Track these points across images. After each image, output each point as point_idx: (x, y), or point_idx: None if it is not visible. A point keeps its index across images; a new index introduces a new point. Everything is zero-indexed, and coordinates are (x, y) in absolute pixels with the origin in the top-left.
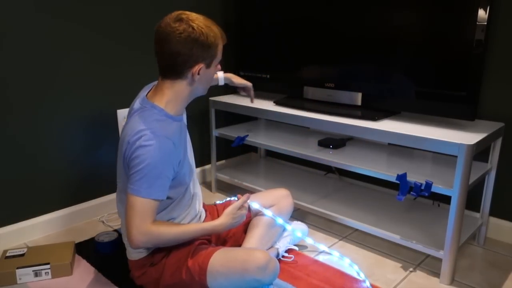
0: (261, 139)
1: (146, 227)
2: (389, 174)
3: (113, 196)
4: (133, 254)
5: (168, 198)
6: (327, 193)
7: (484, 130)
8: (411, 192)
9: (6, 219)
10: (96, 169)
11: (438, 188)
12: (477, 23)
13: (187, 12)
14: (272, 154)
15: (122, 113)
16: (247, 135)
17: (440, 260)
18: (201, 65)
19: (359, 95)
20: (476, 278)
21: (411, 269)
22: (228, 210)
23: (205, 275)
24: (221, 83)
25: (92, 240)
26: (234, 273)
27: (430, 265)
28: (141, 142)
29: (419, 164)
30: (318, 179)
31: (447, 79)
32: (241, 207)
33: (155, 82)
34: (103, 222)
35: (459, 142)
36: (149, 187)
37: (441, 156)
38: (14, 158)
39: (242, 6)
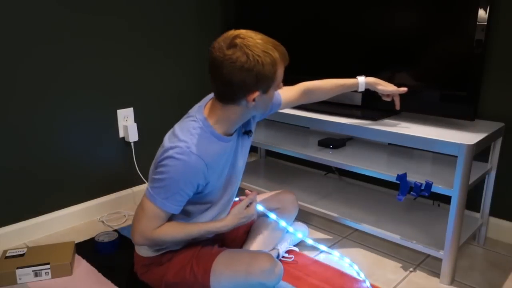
0: (261, 139)
1: (150, 233)
2: (389, 174)
3: (113, 196)
4: (142, 251)
5: (186, 212)
6: (327, 193)
7: (484, 130)
8: (411, 192)
9: (6, 219)
10: (96, 169)
11: (438, 188)
12: (477, 23)
13: (243, 34)
14: (272, 154)
15: (122, 113)
16: None
17: (440, 260)
18: (257, 93)
19: (359, 95)
20: (476, 278)
21: (411, 269)
22: (235, 210)
23: (208, 276)
24: (361, 89)
25: (92, 240)
26: (238, 276)
27: (430, 265)
28: (173, 153)
29: (419, 164)
30: (318, 179)
31: (447, 79)
32: (249, 205)
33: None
34: (103, 222)
35: (459, 142)
36: (165, 198)
37: (441, 156)
38: (13, 158)
39: (242, 5)
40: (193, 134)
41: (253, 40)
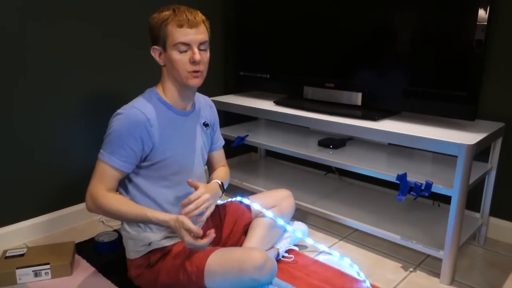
0: (261, 139)
1: (96, 192)
2: (389, 174)
3: None
4: (131, 253)
5: (140, 188)
6: (327, 193)
7: (484, 130)
8: (411, 192)
9: (6, 219)
10: None
11: (438, 188)
12: (477, 23)
13: (176, 5)
14: (272, 154)
15: None
16: (247, 135)
17: (440, 260)
18: (155, 47)
19: (359, 95)
20: (476, 278)
21: (411, 269)
22: (185, 225)
23: (202, 275)
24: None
25: (92, 240)
26: (231, 273)
27: (430, 265)
28: (118, 110)
29: (419, 164)
30: (318, 179)
31: (447, 79)
32: (202, 237)
33: None
34: (103, 222)
35: (459, 142)
36: (110, 153)
37: (441, 156)
38: (13, 158)
39: (242, 6)
40: (139, 98)
41: (174, 6)
